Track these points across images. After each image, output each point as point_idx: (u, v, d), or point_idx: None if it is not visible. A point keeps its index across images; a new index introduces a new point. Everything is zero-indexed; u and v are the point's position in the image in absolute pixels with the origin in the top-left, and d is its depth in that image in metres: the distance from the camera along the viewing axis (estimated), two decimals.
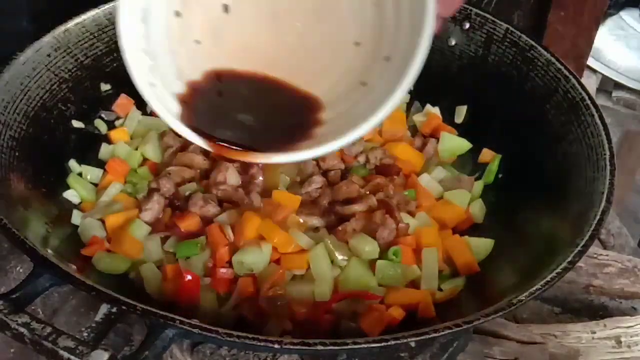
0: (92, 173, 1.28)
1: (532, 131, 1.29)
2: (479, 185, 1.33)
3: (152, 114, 1.43)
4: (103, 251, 1.13)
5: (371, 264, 1.13)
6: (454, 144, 1.40)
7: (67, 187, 1.24)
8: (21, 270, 1.39)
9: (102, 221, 1.17)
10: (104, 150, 1.34)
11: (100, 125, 1.37)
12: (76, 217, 1.19)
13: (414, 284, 1.14)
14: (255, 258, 1.09)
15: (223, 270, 1.09)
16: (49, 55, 1.25)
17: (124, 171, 1.28)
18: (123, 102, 1.39)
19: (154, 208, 1.18)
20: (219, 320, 1.06)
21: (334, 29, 0.92)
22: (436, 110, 1.46)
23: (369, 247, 1.13)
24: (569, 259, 0.97)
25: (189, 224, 1.15)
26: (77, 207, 1.23)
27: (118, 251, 1.13)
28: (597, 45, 1.76)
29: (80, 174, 1.28)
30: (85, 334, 0.83)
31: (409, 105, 1.50)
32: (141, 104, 1.42)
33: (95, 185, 1.28)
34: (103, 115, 1.38)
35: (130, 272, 1.13)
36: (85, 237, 1.16)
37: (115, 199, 1.23)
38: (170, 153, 1.31)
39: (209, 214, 1.16)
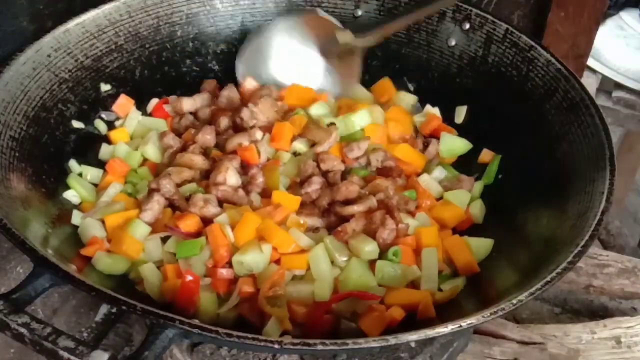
0: (92, 173, 1.28)
1: (532, 131, 1.29)
2: (479, 185, 1.32)
3: (152, 114, 1.43)
4: (103, 251, 1.13)
5: (371, 264, 1.13)
6: (454, 144, 1.39)
7: (67, 187, 1.24)
8: (21, 270, 1.39)
9: (102, 221, 1.17)
10: (104, 150, 1.34)
11: (100, 126, 1.36)
12: (76, 217, 1.19)
13: (414, 284, 1.14)
14: (255, 258, 1.09)
15: (223, 270, 1.09)
16: (49, 56, 1.25)
17: (124, 171, 1.28)
18: (123, 102, 1.39)
19: (154, 208, 1.17)
20: (219, 320, 1.06)
21: None
22: (436, 110, 1.46)
23: (369, 247, 1.13)
24: (569, 259, 0.97)
25: (189, 224, 1.15)
26: (77, 207, 1.23)
27: (118, 251, 1.12)
28: (597, 45, 1.76)
29: (80, 174, 1.27)
30: (85, 334, 0.83)
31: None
32: (141, 104, 1.42)
33: (95, 185, 1.28)
34: (103, 116, 1.38)
35: (130, 272, 1.14)
36: (85, 237, 1.16)
37: (115, 199, 1.23)
38: (170, 153, 1.31)
39: (209, 214, 1.16)
